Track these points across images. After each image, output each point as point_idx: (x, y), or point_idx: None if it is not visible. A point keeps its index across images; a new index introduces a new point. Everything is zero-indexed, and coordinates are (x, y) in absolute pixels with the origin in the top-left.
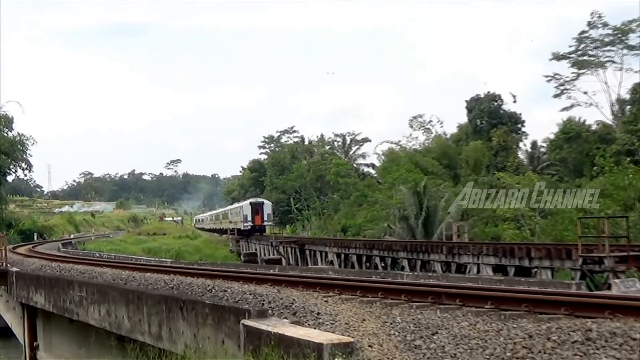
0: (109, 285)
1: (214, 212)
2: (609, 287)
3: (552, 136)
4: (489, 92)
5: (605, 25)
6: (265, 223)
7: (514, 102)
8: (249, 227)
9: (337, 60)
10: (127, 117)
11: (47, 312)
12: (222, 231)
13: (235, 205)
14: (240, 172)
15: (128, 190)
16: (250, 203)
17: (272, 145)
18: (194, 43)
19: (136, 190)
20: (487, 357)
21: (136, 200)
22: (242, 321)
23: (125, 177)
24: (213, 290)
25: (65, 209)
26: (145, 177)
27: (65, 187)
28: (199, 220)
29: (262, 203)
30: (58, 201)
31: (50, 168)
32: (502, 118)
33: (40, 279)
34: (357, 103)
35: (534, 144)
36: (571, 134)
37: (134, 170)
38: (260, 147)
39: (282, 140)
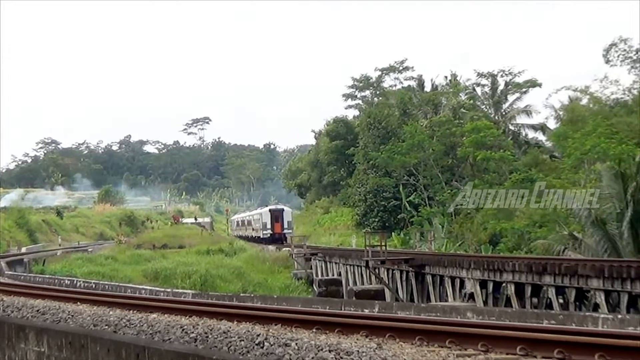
0: (87, 334)
1: (241, 215)
2: None
3: None
4: None
5: None
6: (285, 231)
7: None
8: (268, 235)
9: None
10: (120, 59)
11: None
12: (247, 238)
13: (256, 211)
14: (316, 137)
15: (119, 170)
16: (270, 210)
17: (367, 92)
18: None
19: (134, 171)
20: None
21: (134, 188)
22: None
23: (115, 148)
24: (265, 344)
25: (11, 200)
26: (149, 148)
27: (13, 166)
28: (232, 223)
29: (282, 210)
30: (0, 188)
31: None
32: None
33: None
34: (515, 24)
35: None
36: None
37: (128, 137)
38: (347, 96)
39: (385, 85)
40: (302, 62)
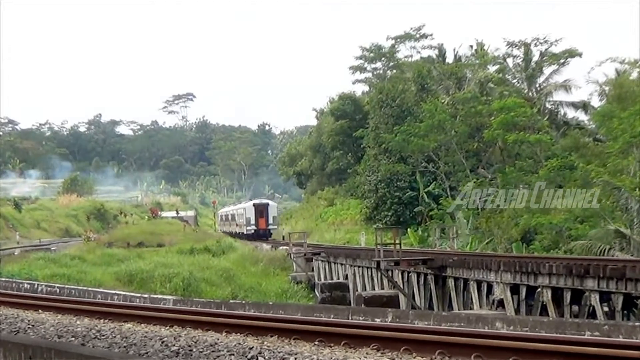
0: (50, 347)
1: (226, 209)
2: None
3: None
4: None
5: None
6: (270, 227)
7: None
8: (252, 231)
9: None
10: (90, 31)
11: None
12: (231, 234)
13: (240, 205)
14: (317, 117)
15: (88, 155)
16: (254, 204)
17: (379, 64)
18: None
19: (105, 156)
20: None
21: (105, 176)
22: None
23: (83, 129)
24: (259, 358)
25: None
26: (123, 129)
27: None
28: (218, 218)
29: (267, 205)
30: None
31: None
32: None
33: None
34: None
35: None
36: None
37: (99, 116)
38: (354, 69)
39: (399, 55)
40: (297, 58)
